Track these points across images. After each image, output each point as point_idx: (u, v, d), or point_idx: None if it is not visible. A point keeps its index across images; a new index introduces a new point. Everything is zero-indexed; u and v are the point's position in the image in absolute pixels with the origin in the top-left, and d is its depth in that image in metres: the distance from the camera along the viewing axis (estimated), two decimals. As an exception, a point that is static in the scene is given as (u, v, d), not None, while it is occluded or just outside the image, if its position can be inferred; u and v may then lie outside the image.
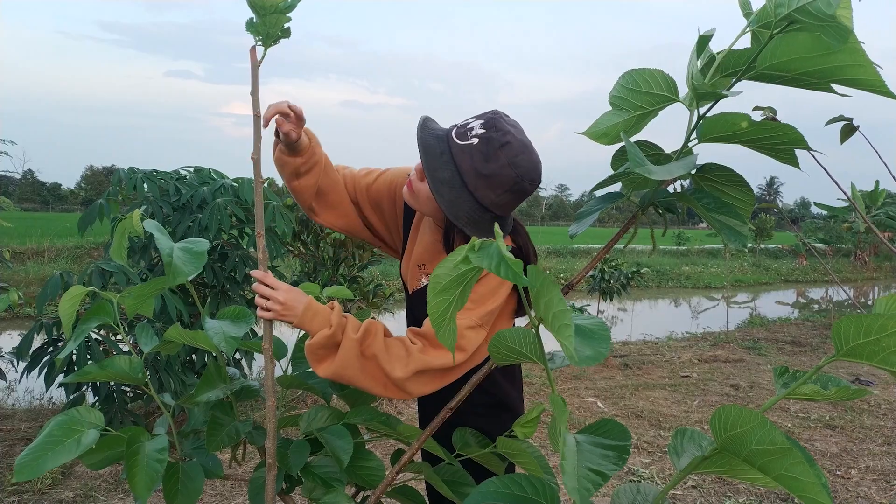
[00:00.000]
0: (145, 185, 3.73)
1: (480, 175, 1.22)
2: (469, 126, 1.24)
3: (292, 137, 1.30)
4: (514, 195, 1.26)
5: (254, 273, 1.16)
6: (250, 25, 1.00)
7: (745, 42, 0.83)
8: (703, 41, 0.85)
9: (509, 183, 1.23)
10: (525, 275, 0.68)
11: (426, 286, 1.21)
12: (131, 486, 0.94)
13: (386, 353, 1.19)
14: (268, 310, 1.14)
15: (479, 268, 0.70)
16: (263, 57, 1.04)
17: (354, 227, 1.55)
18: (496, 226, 0.71)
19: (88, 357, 3.23)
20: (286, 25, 1.02)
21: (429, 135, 1.26)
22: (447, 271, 0.71)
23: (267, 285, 1.16)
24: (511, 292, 1.31)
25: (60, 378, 3.30)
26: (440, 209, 1.27)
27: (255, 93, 1.05)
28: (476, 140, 1.21)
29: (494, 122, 1.24)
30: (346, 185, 1.52)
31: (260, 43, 1.03)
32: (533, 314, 0.74)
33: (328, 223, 1.52)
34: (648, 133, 0.99)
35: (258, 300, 1.16)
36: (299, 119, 1.29)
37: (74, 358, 3.26)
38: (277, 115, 1.25)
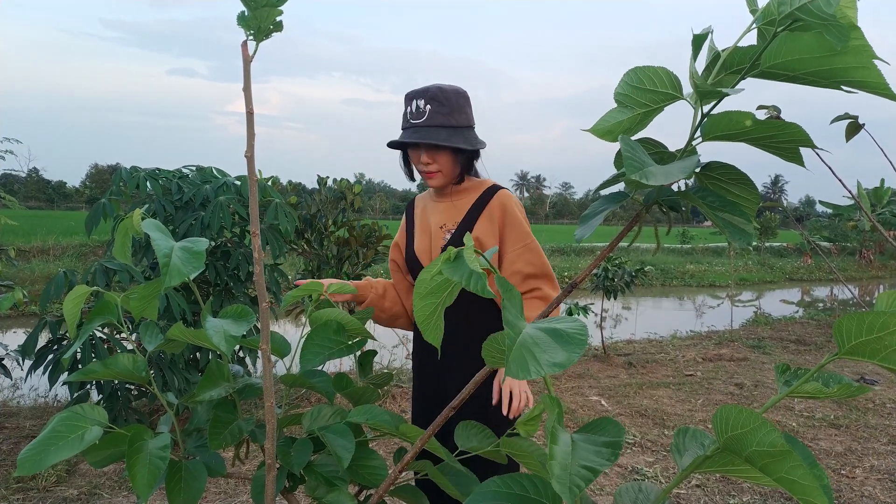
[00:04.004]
0: (147, 184, 3.73)
1: (453, 112, 1.69)
2: (417, 110, 1.69)
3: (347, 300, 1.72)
4: (470, 105, 1.77)
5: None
6: (241, 19, 0.98)
7: (751, 39, 0.82)
8: (698, 40, 0.84)
9: (465, 100, 1.74)
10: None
11: (450, 239, 1.76)
12: (133, 484, 0.94)
13: None
14: None
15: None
16: (255, 51, 1.02)
17: None
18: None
19: (93, 355, 3.24)
20: (278, 19, 0.99)
21: (405, 140, 1.69)
22: (429, 277, 0.74)
23: None
24: None
25: (65, 376, 3.31)
26: (456, 164, 1.74)
27: (247, 88, 1.03)
28: (429, 106, 1.67)
29: (425, 91, 1.69)
30: (397, 287, 1.96)
31: (252, 37, 1.01)
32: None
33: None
34: (655, 131, 0.99)
35: None
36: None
37: (79, 356, 3.27)
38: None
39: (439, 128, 1.67)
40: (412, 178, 1.86)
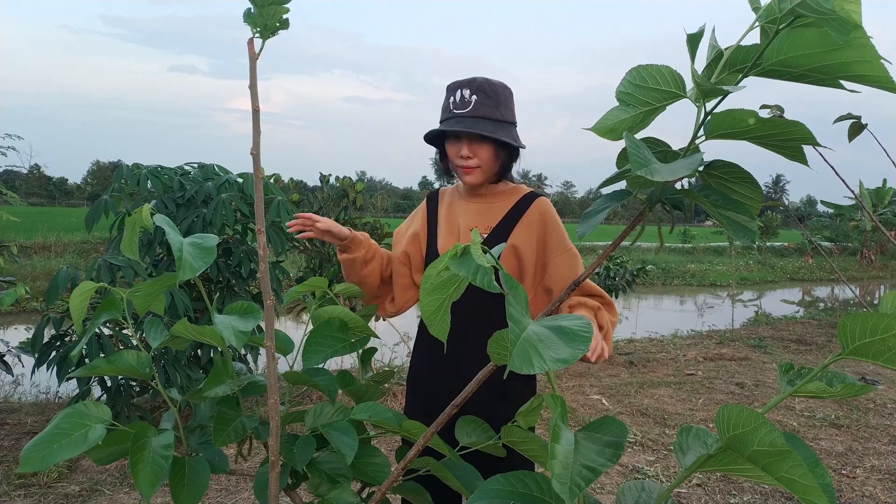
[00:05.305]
0: (149, 182, 3.73)
1: (500, 106, 1.64)
2: (462, 100, 1.63)
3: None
4: (513, 102, 1.71)
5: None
6: (248, 16, 0.97)
7: (755, 38, 0.82)
8: (693, 39, 0.84)
9: (510, 95, 1.69)
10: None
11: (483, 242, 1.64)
12: (136, 482, 0.94)
13: None
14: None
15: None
16: (262, 49, 1.02)
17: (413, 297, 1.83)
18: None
19: (101, 352, 3.24)
20: (284, 16, 0.99)
21: (448, 129, 1.63)
22: (435, 273, 0.75)
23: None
24: None
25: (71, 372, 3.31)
26: (496, 161, 1.67)
27: (253, 86, 1.03)
28: (475, 97, 1.62)
29: (471, 81, 1.65)
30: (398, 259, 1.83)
31: (258, 35, 1.00)
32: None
33: (400, 305, 1.82)
34: (658, 130, 0.99)
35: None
36: (321, 231, 1.64)
37: (85, 352, 3.27)
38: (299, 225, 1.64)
39: (485, 119, 1.61)
40: (448, 174, 1.81)
